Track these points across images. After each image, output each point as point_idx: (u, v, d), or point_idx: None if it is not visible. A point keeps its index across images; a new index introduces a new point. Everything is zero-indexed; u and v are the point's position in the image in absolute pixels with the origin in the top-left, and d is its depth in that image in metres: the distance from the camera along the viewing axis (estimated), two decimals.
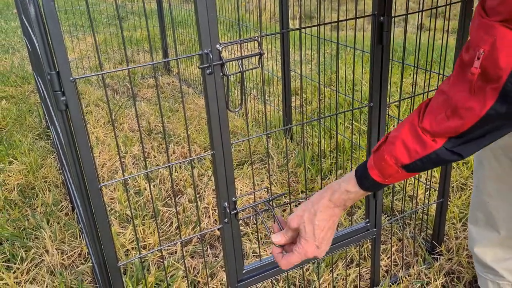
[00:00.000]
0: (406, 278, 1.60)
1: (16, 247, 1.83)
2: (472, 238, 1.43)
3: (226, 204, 1.07)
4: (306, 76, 2.72)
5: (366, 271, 1.64)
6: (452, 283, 1.58)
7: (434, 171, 2.10)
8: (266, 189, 1.75)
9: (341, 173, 2.14)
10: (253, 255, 1.75)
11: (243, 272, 1.19)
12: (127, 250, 1.81)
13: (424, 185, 1.97)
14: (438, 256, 1.68)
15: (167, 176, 2.28)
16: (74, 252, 1.81)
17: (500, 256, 1.37)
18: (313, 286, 1.59)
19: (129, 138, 2.69)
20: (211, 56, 0.89)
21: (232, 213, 1.09)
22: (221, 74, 0.93)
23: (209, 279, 1.65)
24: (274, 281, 1.61)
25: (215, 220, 1.97)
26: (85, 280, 1.69)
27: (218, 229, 1.12)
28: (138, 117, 3.01)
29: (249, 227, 1.91)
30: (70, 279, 1.68)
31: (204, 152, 2.53)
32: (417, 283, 1.58)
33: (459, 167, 2.21)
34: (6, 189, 2.24)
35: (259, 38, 0.95)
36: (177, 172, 2.31)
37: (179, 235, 1.61)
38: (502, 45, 0.69)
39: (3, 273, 1.68)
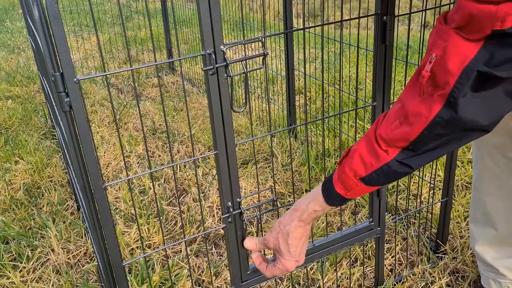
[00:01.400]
0: (410, 277, 1.60)
1: (22, 246, 1.85)
2: (473, 236, 1.43)
3: (229, 204, 1.08)
4: (310, 75, 2.72)
5: (370, 270, 1.64)
6: (457, 282, 1.58)
7: (439, 170, 2.09)
8: (270, 189, 1.76)
9: None
10: None
11: (248, 272, 1.19)
12: (132, 249, 1.82)
13: (429, 184, 1.97)
14: (443, 255, 1.67)
15: (172, 175, 2.28)
16: (80, 251, 1.83)
17: (499, 254, 1.38)
18: (317, 285, 1.59)
19: (133, 138, 2.70)
20: (213, 57, 0.89)
21: (235, 212, 1.09)
22: (225, 75, 0.93)
23: (214, 278, 1.65)
24: (278, 280, 1.62)
25: (220, 219, 1.97)
26: (91, 279, 1.70)
27: (222, 229, 1.13)
28: (143, 116, 3.03)
29: (253, 226, 1.91)
30: (75, 278, 1.69)
31: (209, 151, 2.54)
32: (422, 282, 1.58)
33: (464, 165, 2.20)
34: (12, 188, 2.26)
35: (263, 39, 0.95)
36: (182, 171, 2.31)
37: (183, 234, 1.61)
38: (452, 51, 0.70)
39: (9, 272, 1.69)
